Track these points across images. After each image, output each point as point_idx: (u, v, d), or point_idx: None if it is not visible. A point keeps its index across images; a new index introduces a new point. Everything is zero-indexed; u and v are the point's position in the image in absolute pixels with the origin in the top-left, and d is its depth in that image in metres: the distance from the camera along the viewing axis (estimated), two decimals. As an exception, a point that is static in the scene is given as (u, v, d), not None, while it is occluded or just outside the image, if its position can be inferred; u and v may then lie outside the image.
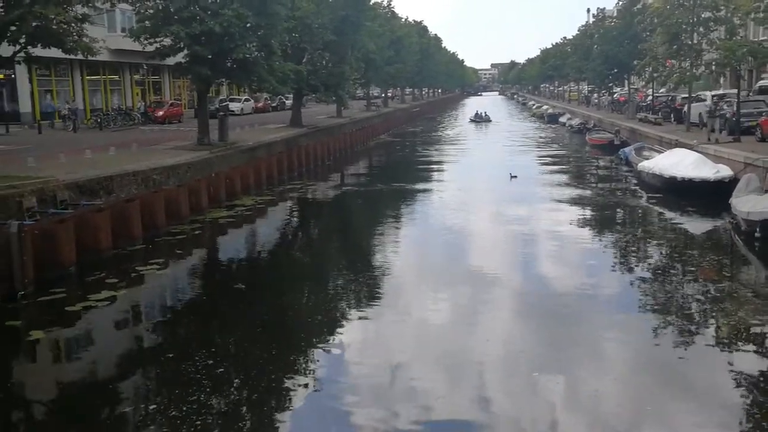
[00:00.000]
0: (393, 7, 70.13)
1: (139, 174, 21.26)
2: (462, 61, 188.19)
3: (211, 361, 10.67)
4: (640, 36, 46.52)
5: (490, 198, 26.85)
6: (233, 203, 24.41)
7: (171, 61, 30.24)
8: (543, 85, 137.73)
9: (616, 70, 53.40)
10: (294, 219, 25.00)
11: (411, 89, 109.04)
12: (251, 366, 10.72)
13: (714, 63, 34.85)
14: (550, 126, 66.97)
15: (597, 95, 66.85)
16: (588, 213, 23.00)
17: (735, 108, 28.97)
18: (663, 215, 22.50)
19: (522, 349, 11.13)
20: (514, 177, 29.69)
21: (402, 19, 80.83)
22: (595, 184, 29.77)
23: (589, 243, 18.86)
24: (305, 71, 37.65)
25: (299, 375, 10.46)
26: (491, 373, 10.34)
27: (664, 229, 20.72)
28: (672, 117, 40.94)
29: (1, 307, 13.21)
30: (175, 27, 26.00)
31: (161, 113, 46.18)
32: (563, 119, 65.82)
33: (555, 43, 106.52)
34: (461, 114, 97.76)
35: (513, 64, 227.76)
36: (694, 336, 11.60)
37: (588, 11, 73.34)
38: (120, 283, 14.83)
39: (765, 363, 10.47)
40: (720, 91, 37.75)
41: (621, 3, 53.95)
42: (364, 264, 17.05)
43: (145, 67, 49.68)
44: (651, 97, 48.95)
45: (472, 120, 76.72)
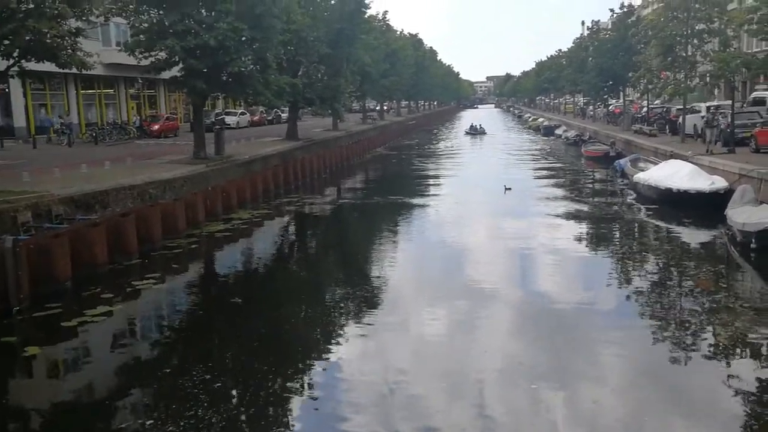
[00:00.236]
0: (388, 20, 70.39)
1: (135, 188, 21.22)
2: (458, 74, 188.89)
3: (209, 376, 10.62)
4: (634, 48, 46.65)
5: (486, 211, 26.85)
6: (230, 217, 24.38)
7: (166, 75, 30.23)
8: (539, 98, 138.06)
9: (611, 82, 53.54)
10: (290, 232, 24.98)
11: (407, 102, 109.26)
12: (249, 380, 10.67)
13: (708, 75, 35.03)
14: (546, 138, 67.10)
15: (592, 107, 67.03)
16: (584, 225, 23.00)
17: (729, 119, 29.10)
18: (659, 227, 22.52)
19: (520, 361, 11.10)
20: (508, 189, 29.74)
21: (397, 32, 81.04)
22: (591, 196, 29.79)
23: (585, 254, 18.86)
24: (301, 84, 37.70)
25: (297, 389, 10.42)
26: (490, 386, 10.30)
27: (660, 241, 20.74)
28: (667, 128, 41.07)
29: (-3, 323, 13.14)
30: (170, 41, 25.97)
31: (157, 127, 46.25)
32: (559, 131, 65.98)
33: (550, 56, 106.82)
34: (457, 127, 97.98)
35: (508, 76, 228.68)
36: (691, 347, 11.58)
37: (582, 24, 73.82)
38: (116, 298, 14.79)
39: (762, 374, 10.45)
40: (715, 103, 37.87)
41: (615, 15, 54.11)
42: (361, 278, 17.01)
43: (141, 81, 49.68)
44: (646, 109, 49.09)
45: (467, 132, 77.28)
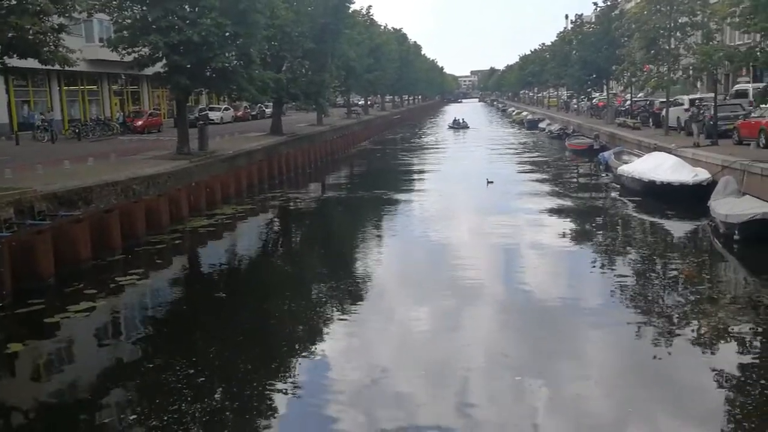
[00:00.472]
0: (372, 15, 70.39)
1: (119, 184, 21.11)
2: (442, 68, 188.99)
3: (192, 371, 10.59)
4: (618, 41, 46.84)
5: (469, 204, 26.89)
6: (213, 212, 24.30)
7: (150, 71, 30.07)
8: (522, 92, 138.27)
9: (594, 75, 53.67)
10: (275, 227, 24.93)
11: (391, 96, 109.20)
12: (233, 375, 10.64)
13: (691, 67, 35.27)
14: (529, 132, 67.29)
15: (576, 101, 67.24)
16: (567, 217, 23.06)
17: (712, 112, 29.28)
18: (643, 219, 22.62)
19: (504, 353, 11.14)
20: (490, 183, 29.81)
21: (381, 27, 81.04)
22: (574, 189, 29.85)
23: (568, 247, 18.90)
24: (285, 79, 37.65)
25: (281, 383, 10.40)
26: (474, 378, 10.32)
27: (643, 233, 20.85)
28: (650, 121, 41.28)
29: (-21, 320, 13.05)
30: (153, 36, 25.84)
31: (140, 123, 45.99)
32: (543, 125, 66.15)
33: (534, 50, 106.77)
34: (441, 121, 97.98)
35: (492, 70, 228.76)
36: (674, 338, 11.65)
37: (566, 17, 73.93)
38: (99, 294, 14.71)
39: (744, 363, 10.52)
40: (697, 95, 38.07)
41: (599, 9, 54.24)
42: (345, 271, 17.01)
43: (124, 77, 49.39)
44: (629, 102, 49.30)
45: (450, 127, 77.50)
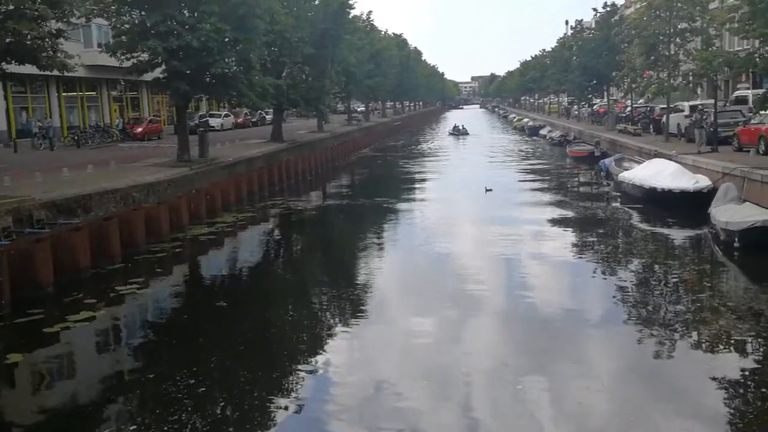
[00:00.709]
0: (372, 20, 70.43)
1: (118, 192, 21.05)
2: (442, 74, 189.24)
3: (193, 381, 10.53)
4: (618, 47, 46.83)
5: (469, 212, 26.77)
6: (214, 220, 24.24)
7: (149, 77, 30.02)
8: (523, 98, 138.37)
9: (594, 81, 53.72)
10: (276, 235, 24.87)
11: (392, 103, 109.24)
12: (234, 384, 10.57)
13: (691, 73, 35.24)
14: (530, 139, 67.24)
15: (577, 107, 67.26)
16: (568, 225, 23.01)
17: (712, 118, 29.22)
18: (644, 226, 22.55)
19: (506, 362, 11.08)
20: (489, 190, 29.69)
21: (382, 32, 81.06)
22: (576, 195, 29.81)
23: (569, 254, 18.81)
24: (285, 86, 37.62)
25: (282, 393, 10.34)
26: (476, 387, 10.25)
27: (645, 240, 20.78)
28: (651, 127, 41.25)
29: (-23, 330, 12.99)
30: (152, 42, 25.77)
31: (140, 130, 45.97)
32: (544, 132, 66.13)
33: (534, 56, 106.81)
34: (442, 127, 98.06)
35: (493, 76, 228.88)
36: (676, 346, 11.60)
37: (566, 23, 74.02)
38: (99, 303, 14.65)
39: (745, 371, 10.47)
40: (698, 102, 38.05)
41: (599, 15, 54.30)
42: (346, 280, 16.94)
43: (123, 83, 49.32)
44: (630, 108, 49.28)
45: (450, 133, 77.89)
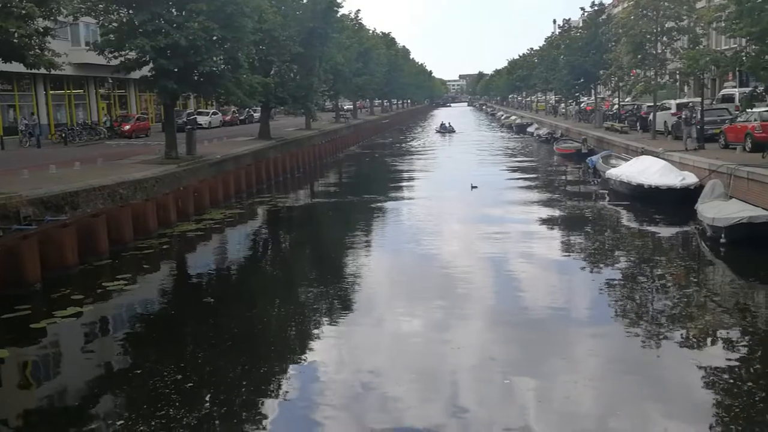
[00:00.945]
0: (361, 19, 70.42)
1: (105, 189, 21.00)
2: (430, 73, 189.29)
3: (180, 376, 10.52)
4: (605, 46, 47.08)
5: (457, 209, 26.82)
6: (201, 217, 24.19)
7: (137, 75, 29.95)
8: (511, 96, 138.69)
9: (582, 79, 53.88)
10: (263, 232, 24.84)
11: (380, 101, 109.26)
12: (221, 380, 10.57)
13: (678, 72, 35.49)
14: (518, 136, 67.47)
15: (564, 105, 67.46)
16: (556, 221, 23.11)
17: (699, 116, 29.40)
18: (631, 223, 22.69)
19: (493, 357, 11.13)
20: (474, 188, 29.72)
21: (370, 31, 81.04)
22: (562, 192, 29.91)
23: (556, 251, 18.89)
24: (273, 84, 37.57)
25: (270, 389, 10.35)
26: (463, 382, 10.30)
27: (632, 236, 20.89)
28: (638, 125, 41.46)
29: (-37, 326, 12.93)
30: (140, 40, 25.69)
31: (128, 127, 45.87)
32: (531, 129, 66.36)
33: (522, 54, 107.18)
34: (429, 125, 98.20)
35: (481, 75, 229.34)
36: (662, 341, 11.66)
37: (554, 22, 73.92)
38: (86, 299, 14.60)
39: (731, 365, 10.55)
40: (684, 100, 38.26)
41: (586, 14, 54.50)
42: (334, 276, 16.95)
43: (111, 81, 49.10)
44: (617, 106, 49.50)
45: (438, 131, 77.91)
